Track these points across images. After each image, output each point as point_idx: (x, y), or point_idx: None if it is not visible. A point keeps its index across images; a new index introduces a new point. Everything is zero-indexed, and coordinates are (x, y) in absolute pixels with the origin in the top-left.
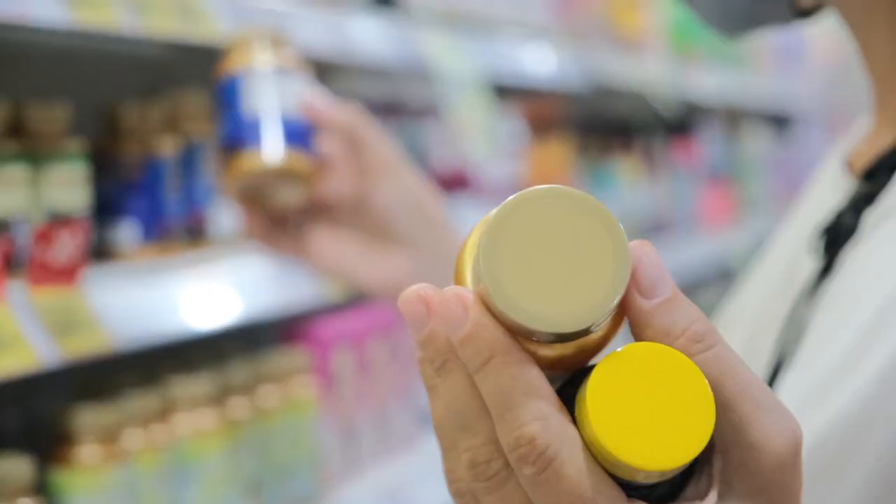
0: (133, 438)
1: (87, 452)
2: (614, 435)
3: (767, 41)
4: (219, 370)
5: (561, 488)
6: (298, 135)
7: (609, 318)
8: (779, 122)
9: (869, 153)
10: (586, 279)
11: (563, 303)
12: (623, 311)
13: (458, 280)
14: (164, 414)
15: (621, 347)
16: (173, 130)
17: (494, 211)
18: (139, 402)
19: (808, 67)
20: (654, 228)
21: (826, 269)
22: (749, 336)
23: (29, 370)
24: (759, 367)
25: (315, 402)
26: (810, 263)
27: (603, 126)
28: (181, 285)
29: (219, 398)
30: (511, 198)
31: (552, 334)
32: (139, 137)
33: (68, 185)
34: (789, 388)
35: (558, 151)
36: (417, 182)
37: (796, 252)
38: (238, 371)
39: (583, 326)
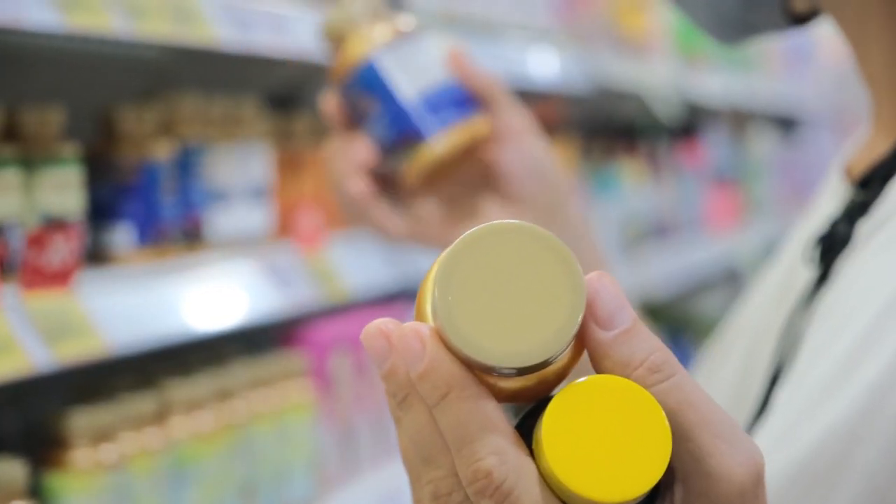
0: (128, 442)
1: (81, 456)
2: (569, 467)
3: (774, 43)
4: (215, 373)
5: None
6: (461, 100)
7: (568, 350)
8: (785, 124)
9: (865, 160)
10: (541, 312)
11: (518, 337)
12: (582, 342)
13: (419, 312)
14: (160, 417)
15: (578, 380)
16: (169, 133)
17: (450, 247)
18: (135, 405)
19: (816, 69)
20: (658, 231)
21: (821, 279)
22: (749, 347)
23: (23, 374)
24: (758, 376)
25: (312, 406)
26: (806, 273)
27: (607, 129)
28: (177, 289)
29: (215, 401)
30: (465, 234)
31: (508, 368)
32: (134, 141)
33: (63, 189)
34: (786, 400)
35: (562, 154)
36: (545, 152)
37: (793, 261)
38: (235, 374)
39: (538, 360)
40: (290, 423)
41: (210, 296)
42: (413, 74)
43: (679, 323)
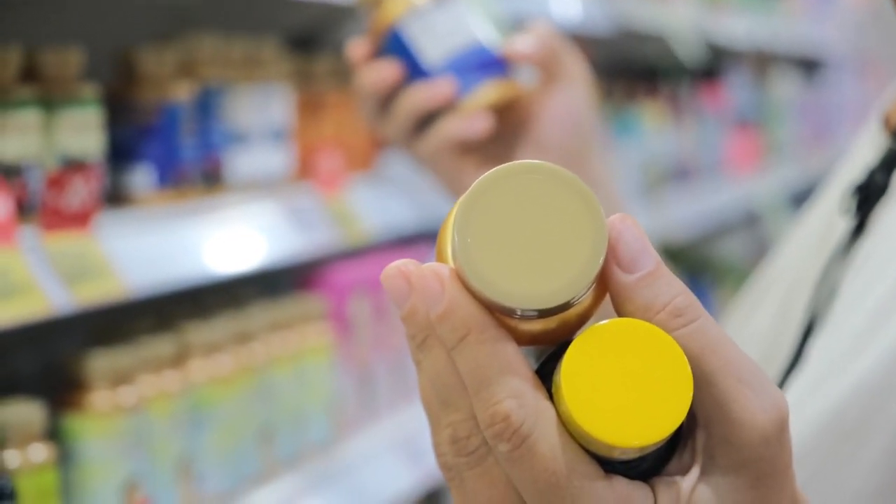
0: (147, 384)
1: (100, 398)
2: (588, 412)
3: None
4: (234, 316)
5: (535, 465)
6: (492, 64)
7: (589, 293)
8: (808, 66)
9: None
10: (563, 253)
11: (538, 278)
12: (604, 285)
13: (440, 254)
14: (178, 360)
15: (598, 323)
16: (189, 75)
17: (470, 187)
18: (153, 347)
19: (839, 11)
20: (679, 174)
21: (858, 229)
22: (785, 295)
23: (42, 316)
24: (793, 327)
25: (331, 349)
26: (843, 223)
27: (629, 71)
28: (196, 231)
29: (234, 344)
30: (485, 174)
31: (529, 310)
32: (154, 82)
33: (82, 131)
34: (820, 351)
35: None
36: (587, 101)
37: (830, 211)
38: (254, 317)
39: (559, 302)
40: (309, 367)
41: (229, 238)
42: (440, 40)
43: (698, 266)
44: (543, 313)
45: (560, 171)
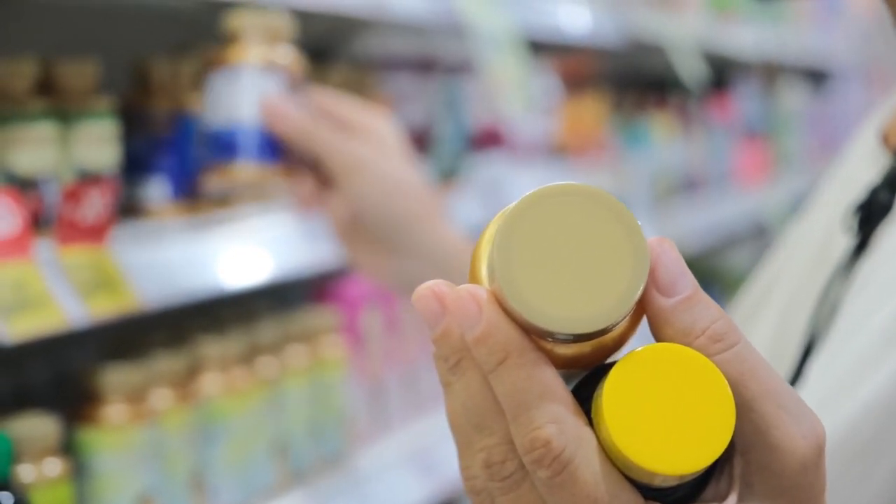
0: (161, 398)
1: (114, 412)
2: (631, 439)
3: None
4: (247, 329)
5: (577, 491)
6: (272, 145)
7: (627, 317)
8: (816, 77)
9: None
10: (603, 278)
11: (579, 303)
12: (641, 309)
13: (473, 275)
14: (192, 373)
15: (639, 348)
16: (198, 87)
17: (510, 206)
18: (167, 361)
19: (846, 21)
20: (688, 185)
21: (860, 248)
22: (782, 313)
23: (57, 329)
24: (791, 345)
25: (343, 362)
26: (844, 241)
27: (638, 83)
28: (210, 244)
29: (247, 357)
30: (527, 194)
31: (568, 335)
32: (169, 93)
33: (97, 143)
34: (822, 371)
35: (593, 108)
36: (390, 179)
37: (830, 227)
38: (267, 330)
39: (599, 327)
40: (321, 380)
41: (242, 251)
42: (247, 104)
43: (707, 278)
44: (582, 337)
45: (601, 193)
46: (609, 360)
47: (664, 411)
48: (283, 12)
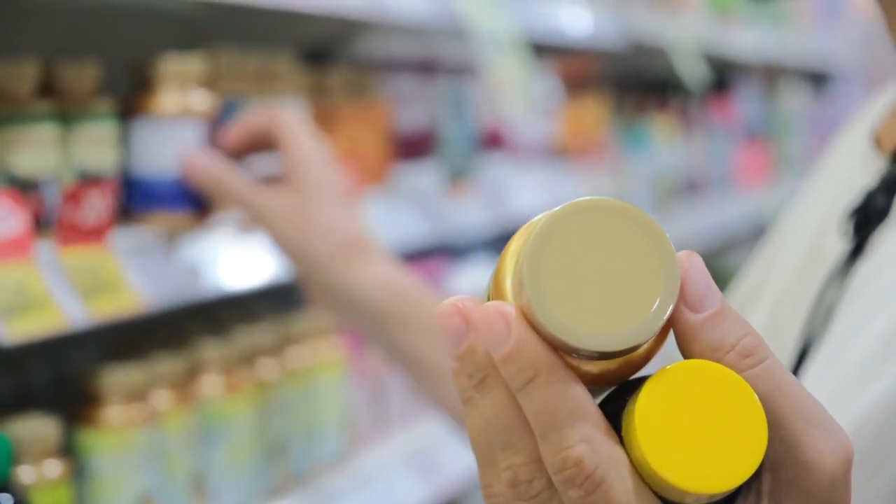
0: (161, 399)
1: (114, 413)
2: (664, 457)
3: None
4: (247, 331)
5: None
6: (188, 194)
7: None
8: (817, 79)
9: None
10: (634, 295)
11: (609, 320)
12: (669, 324)
13: (498, 289)
14: (192, 375)
15: (670, 365)
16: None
17: (539, 221)
18: (167, 362)
19: (847, 24)
20: (689, 187)
21: (856, 252)
22: (772, 314)
23: (57, 330)
24: (784, 347)
25: (343, 363)
26: (839, 245)
27: (639, 84)
28: (210, 246)
29: (247, 359)
30: (556, 209)
31: (596, 352)
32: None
33: (99, 145)
34: (819, 376)
35: (594, 110)
36: (302, 224)
37: (822, 230)
38: (267, 332)
39: (629, 345)
40: (321, 381)
41: (242, 253)
42: (161, 155)
43: None
44: (610, 355)
45: (632, 209)
46: (635, 377)
47: (696, 429)
48: (198, 57)
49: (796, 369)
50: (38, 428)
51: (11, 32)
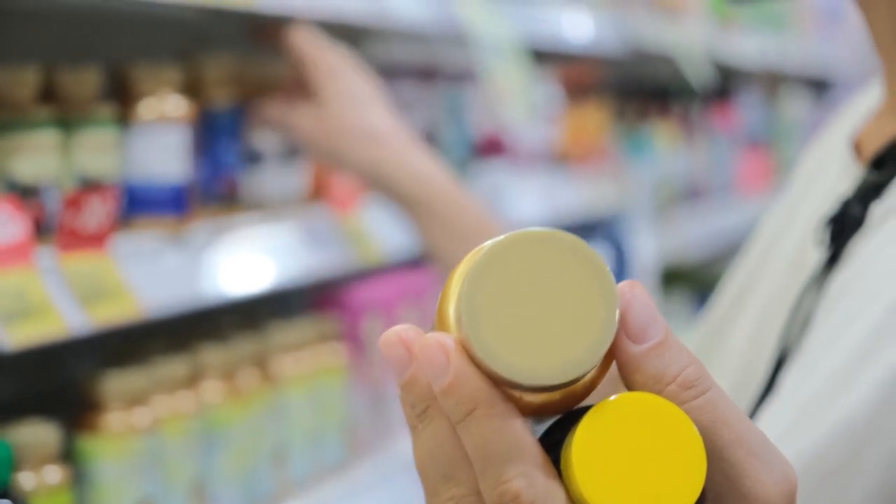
0: (162, 405)
1: (115, 419)
2: (600, 491)
3: (808, 4)
4: (248, 337)
5: None
6: (177, 198)
7: (597, 365)
8: (818, 85)
9: (877, 137)
10: (573, 327)
11: (548, 353)
12: (612, 354)
13: (441, 322)
14: (193, 380)
15: (608, 398)
16: (193, 95)
17: (478, 252)
18: (168, 368)
19: (848, 30)
20: (690, 194)
21: (832, 261)
22: (756, 322)
23: (57, 337)
24: (765, 357)
25: (345, 370)
26: (816, 253)
27: (640, 91)
28: (211, 251)
29: (248, 365)
30: (493, 241)
31: (537, 385)
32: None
33: (99, 151)
34: (794, 386)
35: (595, 116)
36: (359, 91)
37: (803, 238)
38: (268, 338)
39: (569, 378)
40: (323, 387)
41: (243, 259)
42: (145, 161)
43: (710, 287)
44: (551, 388)
45: (571, 240)
46: (581, 405)
47: (634, 462)
48: (180, 63)
49: (773, 378)
50: (38, 434)
51: (12, 38)
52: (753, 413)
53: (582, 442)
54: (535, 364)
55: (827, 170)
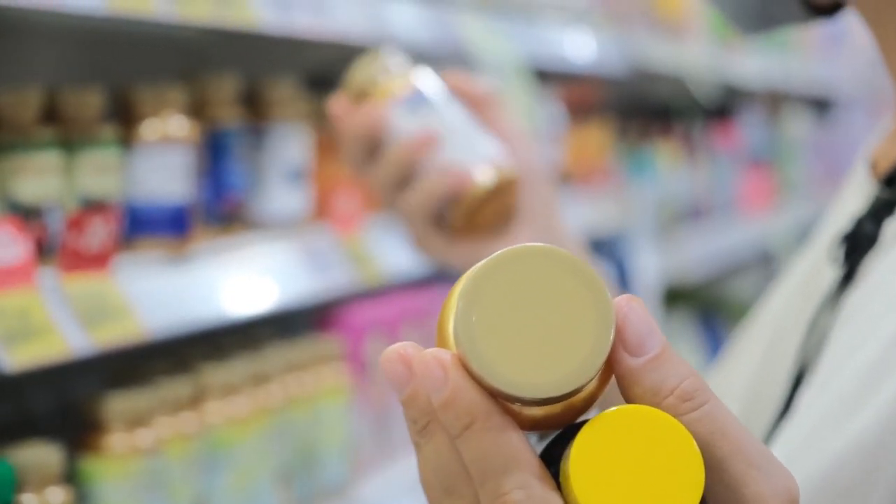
0: (164, 426)
1: (117, 440)
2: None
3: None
4: (251, 357)
5: None
6: (178, 219)
7: (596, 377)
8: (820, 105)
9: (891, 155)
10: (569, 340)
11: (544, 367)
12: (610, 368)
13: (440, 337)
14: (195, 401)
15: (606, 410)
16: (198, 115)
17: (474, 269)
18: (170, 389)
19: (851, 51)
20: (693, 213)
21: (846, 279)
22: (770, 341)
23: (60, 358)
24: (779, 375)
25: (347, 390)
26: (831, 271)
27: (643, 110)
28: (214, 272)
29: (250, 386)
30: (489, 258)
31: (534, 399)
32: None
33: (102, 172)
34: (810, 404)
35: (598, 136)
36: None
37: (818, 257)
38: (270, 358)
39: (566, 391)
40: (325, 408)
41: (246, 279)
42: (150, 181)
43: (712, 306)
44: (549, 401)
45: (565, 255)
46: (581, 419)
47: (632, 475)
48: (183, 84)
49: (791, 396)
50: (40, 455)
51: (15, 59)
52: (772, 432)
53: (580, 454)
54: (530, 377)
55: (847, 190)
